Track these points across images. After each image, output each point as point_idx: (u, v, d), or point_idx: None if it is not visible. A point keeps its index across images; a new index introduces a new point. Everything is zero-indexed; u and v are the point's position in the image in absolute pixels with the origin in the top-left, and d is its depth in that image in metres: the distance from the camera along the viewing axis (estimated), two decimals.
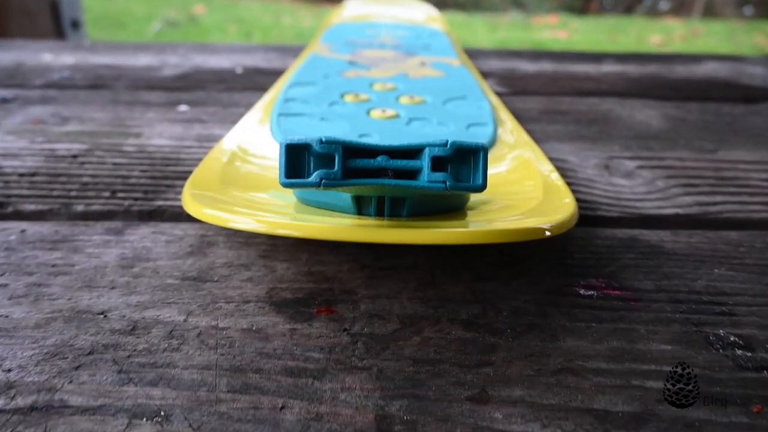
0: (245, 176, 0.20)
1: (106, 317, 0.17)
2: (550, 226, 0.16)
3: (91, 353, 0.15)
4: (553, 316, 0.17)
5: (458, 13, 2.64)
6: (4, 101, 0.35)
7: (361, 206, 0.17)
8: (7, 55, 0.46)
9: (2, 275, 0.19)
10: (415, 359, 0.15)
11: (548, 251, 0.21)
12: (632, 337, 0.16)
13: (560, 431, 0.13)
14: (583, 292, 0.18)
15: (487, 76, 0.44)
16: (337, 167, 0.14)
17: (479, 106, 0.27)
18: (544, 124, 0.34)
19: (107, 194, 0.24)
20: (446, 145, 0.14)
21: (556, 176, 0.21)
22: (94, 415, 0.14)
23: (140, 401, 0.14)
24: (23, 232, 0.21)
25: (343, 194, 0.17)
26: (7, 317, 0.17)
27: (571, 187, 0.25)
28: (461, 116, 0.26)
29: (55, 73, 0.41)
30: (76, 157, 0.27)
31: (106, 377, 0.15)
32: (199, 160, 0.27)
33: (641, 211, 0.24)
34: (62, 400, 0.14)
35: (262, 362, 0.15)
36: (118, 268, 0.19)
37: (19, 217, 0.22)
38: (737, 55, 0.54)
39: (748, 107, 0.38)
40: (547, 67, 0.47)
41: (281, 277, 0.19)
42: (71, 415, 0.13)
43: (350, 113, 0.26)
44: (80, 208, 0.23)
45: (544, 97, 0.39)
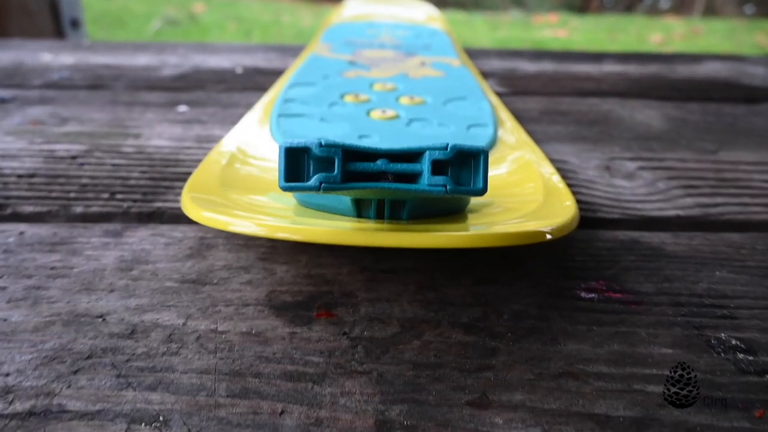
0: (244, 178, 0.20)
1: (104, 321, 0.17)
2: (551, 229, 0.16)
3: (89, 357, 0.15)
4: (553, 319, 0.17)
5: (459, 11, 2.63)
6: (2, 101, 0.35)
7: (360, 209, 0.17)
8: (6, 54, 0.46)
9: (1, 278, 0.18)
10: (415, 363, 0.15)
11: (549, 253, 0.21)
12: (633, 340, 0.16)
13: None
14: (583, 295, 0.18)
15: (487, 76, 0.43)
16: (336, 171, 0.14)
17: (479, 106, 0.27)
18: (544, 124, 0.34)
19: (106, 196, 0.24)
20: (446, 148, 0.14)
21: (557, 178, 0.21)
22: (92, 420, 0.13)
23: (139, 406, 0.14)
24: (22, 234, 0.21)
25: (342, 197, 0.17)
26: (5, 320, 0.17)
27: (571, 188, 0.25)
28: (461, 117, 0.26)
29: (54, 73, 0.41)
30: (75, 158, 0.27)
31: (104, 381, 0.14)
32: (198, 161, 0.27)
33: (642, 212, 0.24)
34: (60, 404, 0.14)
35: (261, 366, 0.15)
36: (116, 270, 0.19)
37: (17, 218, 0.22)
38: (738, 54, 0.53)
39: (749, 108, 0.38)
40: (547, 67, 0.47)
41: (281, 279, 0.19)
42: (70, 420, 0.13)
43: (350, 114, 0.26)
44: (79, 209, 0.23)
45: (544, 97, 0.39)
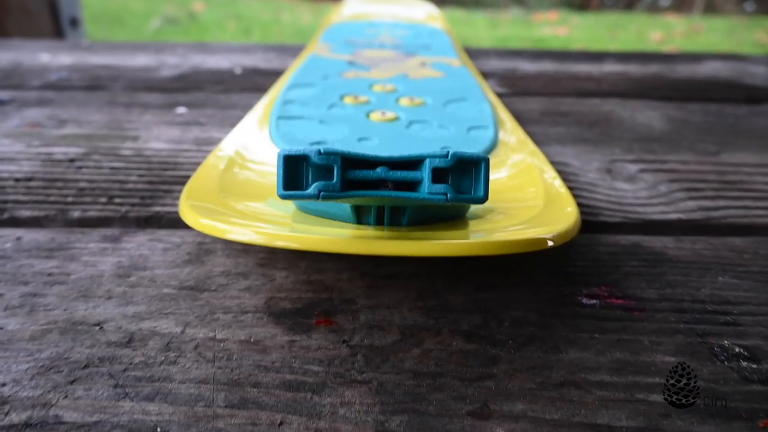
0: (243, 183, 0.20)
1: (102, 329, 0.16)
2: (552, 236, 0.16)
3: (86, 366, 0.15)
4: (555, 326, 0.17)
5: (458, 9, 2.63)
6: (1, 103, 0.35)
7: (360, 215, 0.17)
8: (4, 55, 0.46)
9: None
10: (415, 372, 0.15)
11: (550, 258, 0.20)
12: (636, 348, 0.16)
13: None
14: (585, 301, 0.18)
15: (487, 76, 0.43)
16: (336, 179, 0.13)
17: (480, 108, 0.27)
18: (545, 126, 0.33)
19: (104, 200, 0.24)
20: (447, 156, 0.14)
21: (558, 183, 0.20)
22: (89, 431, 0.13)
23: (136, 417, 0.14)
24: (19, 239, 0.21)
25: (342, 204, 0.17)
26: (2, 329, 0.16)
27: (572, 191, 0.25)
28: (462, 119, 0.26)
29: (52, 73, 0.41)
30: (73, 161, 0.27)
31: (101, 392, 0.14)
32: (197, 164, 0.27)
33: (644, 216, 0.23)
34: (57, 416, 0.14)
35: (260, 376, 0.15)
36: (114, 277, 0.19)
37: (15, 223, 0.22)
38: (739, 54, 0.53)
39: (750, 108, 0.38)
40: (548, 66, 0.47)
41: (280, 286, 0.18)
42: (66, 431, 0.13)
43: (350, 116, 0.25)
44: (77, 214, 0.23)
45: (545, 98, 0.39)
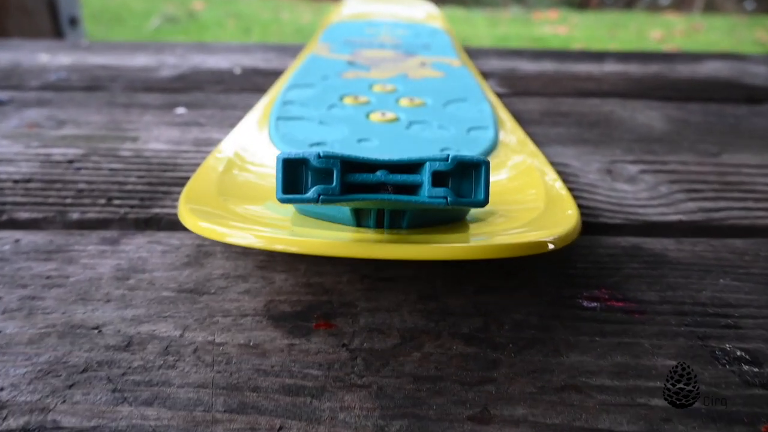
0: (242, 185, 0.20)
1: (100, 332, 0.16)
2: (553, 239, 0.16)
3: (85, 371, 0.15)
4: (555, 329, 0.17)
5: (458, 8, 2.62)
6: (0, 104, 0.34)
7: (360, 218, 0.17)
8: (3, 55, 0.46)
9: None
10: (415, 376, 0.15)
11: (550, 260, 0.20)
12: (637, 351, 0.16)
13: None
14: (586, 304, 0.18)
15: (487, 76, 0.43)
16: (335, 183, 0.13)
17: (480, 108, 0.27)
18: (545, 126, 0.33)
19: (103, 201, 0.23)
20: (447, 159, 0.14)
21: (559, 185, 0.20)
22: None
23: (135, 422, 0.14)
24: (17, 241, 0.21)
25: (342, 206, 0.16)
26: (0, 332, 0.16)
27: (573, 192, 0.25)
28: (462, 119, 0.26)
29: (51, 74, 0.41)
30: (71, 162, 0.27)
31: (100, 396, 0.14)
32: (196, 165, 0.27)
33: (644, 217, 0.23)
34: (55, 421, 0.14)
35: (259, 380, 0.15)
36: (113, 280, 0.19)
37: (13, 225, 0.22)
38: (739, 53, 0.53)
39: (751, 108, 0.37)
40: (548, 66, 0.46)
41: (279, 289, 0.18)
42: None
43: (349, 116, 0.25)
44: (75, 216, 0.22)
45: (545, 98, 0.39)
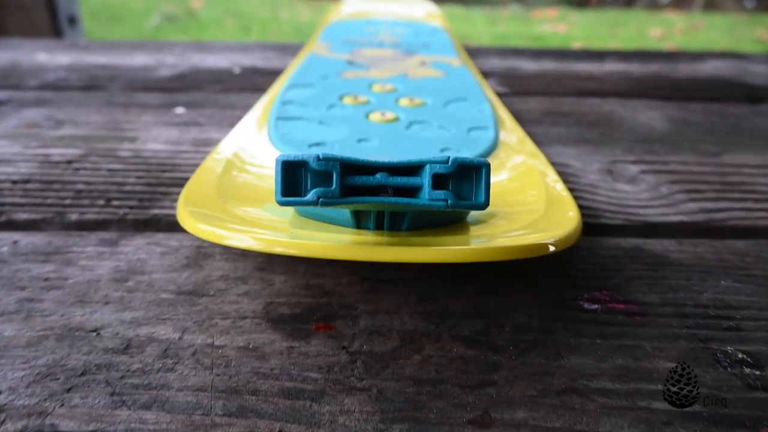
0: (241, 187, 0.20)
1: (99, 335, 0.16)
2: (554, 241, 0.16)
3: (83, 374, 0.15)
4: (556, 331, 0.17)
5: (457, 6, 2.62)
6: None
7: (360, 220, 0.16)
8: (2, 54, 0.45)
9: None
10: (415, 379, 0.15)
11: (551, 262, 0.20)
12: (638, 354, 0.16)
13: None
14: (586, 306, 0.18)
15: (487, 75, 0.43)
16: (335, 185, 0.13)
17: (480, 108, 0.27)
18: (545, 126, 0.33)
19: (102, 202, 0.23)
20: (447, 162, 0.13)
21: (560, 186, 0.20)
22: None
23: (133, 426, 0.14)
24: (16, 243, 0.21)
25: (342, 209, 0.16)
26: None
27: (573, 193, 0.24)
28: (462, 119, 0.26)
29: (50, 73, 0.41)
30: (70, 162, 0.27)
31: (98, 400, 0.14)
32: (195, 165, 0.26)
33: (645, 218, 0.23)
34: (53, 425, 0.13)
35: (258, 383, 0.15)
36: (112, 281, 0.19)
37: (12, 227, 0.22)
38: (740, 52, 0.53)
39: (752, 108, 0.37)
40: (548, 66, 0.46)
41: (279, 290, 0.18)
42: None
43: (349, 116, 0.25)
44: (74, 217, 0.22)
45: (545, 97, 0.39)
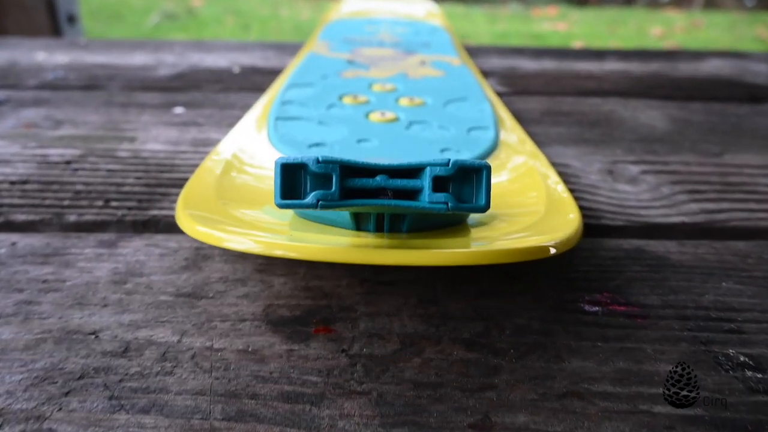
0: (241, 188, 0.20)
1: (97, 338, 0.16)
2: (554, 243, 0.15)
3: (81, 377, 0.15)
4: (557, 334, 0.17)
5: (457, 5, 2.62)
6: None
7: (360, 222, 0.16)
8: (0, 54, 0.45)
9: None
10: (415, 383, 0.15)
11: (552, 263, 0.20)
12: (639, 357, 0.16)
13: None
14: (587, 308, 0.18)
15: (487, 75, 0.43)
16: (334, 188, 0.13)
17: (480, 108, 0.27)
18: (546, 126, 0.33)
19: (100, 203, 0.23)
20: (448, 164, 0.13)
21: (561, 187, 0.20)
22: None
23: (132, 430, 0.13)
24: (14, 244, 0.20)
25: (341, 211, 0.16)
26: None
27: (574, 194, 0.24)
28: (462, 119, 0.25)
29: (48, 73, 0.41)
30: (69, 163, 0.27)
31: (96, 404, 0.14)
32: (194, 166, 0.26)
33: (646, 219, 0.23)
34: (51, 429, 0.13)
35: (258, 387, 0.15)
36: (110, 284, 0.18)
37: (10, 228, 0.22)
38: (741, 51, 0.53)
39: (753, 107, 0.37)
40: (548, 65, 0.46)
41: (278, 293, 0.18)
42: None
43: (349, 116, 0.25)
44: (72, 218, 0.22)
45: (545, 97, 0.38)
